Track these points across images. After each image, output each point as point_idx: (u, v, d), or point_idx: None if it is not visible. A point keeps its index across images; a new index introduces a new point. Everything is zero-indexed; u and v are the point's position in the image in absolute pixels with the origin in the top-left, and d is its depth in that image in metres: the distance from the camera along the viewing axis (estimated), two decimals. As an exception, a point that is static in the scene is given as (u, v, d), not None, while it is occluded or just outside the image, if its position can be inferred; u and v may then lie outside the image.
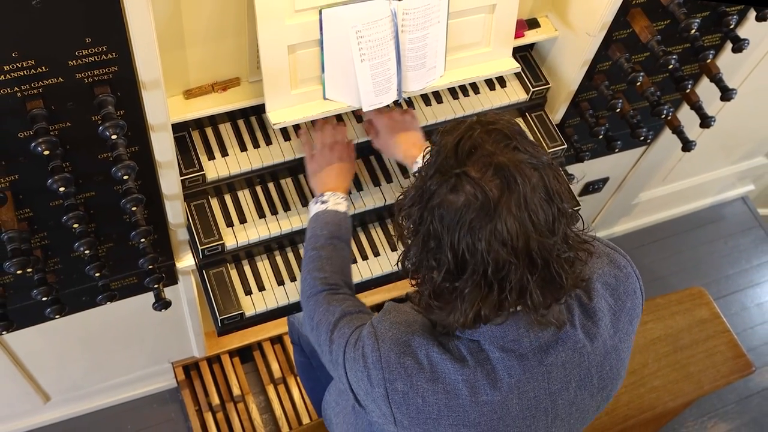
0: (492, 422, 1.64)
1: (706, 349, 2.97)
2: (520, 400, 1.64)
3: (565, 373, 1.66)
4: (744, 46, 2.46)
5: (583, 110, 2.71)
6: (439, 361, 1.61)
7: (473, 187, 1.42)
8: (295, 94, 2.18)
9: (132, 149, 1.96)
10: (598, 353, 1.68)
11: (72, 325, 2.60)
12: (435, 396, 1.61)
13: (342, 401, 2.32)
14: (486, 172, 1.43)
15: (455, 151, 1.47)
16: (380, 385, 1.64)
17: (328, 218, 2.13)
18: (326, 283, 1.98)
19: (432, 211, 1.48)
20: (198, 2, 1.93)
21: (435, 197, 1.47)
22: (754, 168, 4.27)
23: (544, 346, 1.62)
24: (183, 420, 3.47)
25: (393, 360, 1.63)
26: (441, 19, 2.18)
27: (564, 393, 1.68)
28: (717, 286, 4.30)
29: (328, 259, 2.04)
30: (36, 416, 3.32)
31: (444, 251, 1.48)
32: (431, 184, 1.48)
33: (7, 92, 1.67)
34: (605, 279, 1.72)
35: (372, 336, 1.67)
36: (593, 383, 1.71)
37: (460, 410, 1.62)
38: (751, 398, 3.96)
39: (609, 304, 1.71)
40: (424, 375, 1.61)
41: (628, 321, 1.74)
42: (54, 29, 1.60)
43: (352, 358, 1.72)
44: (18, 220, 1.98)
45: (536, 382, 1.64)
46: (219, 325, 2.31)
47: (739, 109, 3.29)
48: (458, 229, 1.44)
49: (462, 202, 1.43)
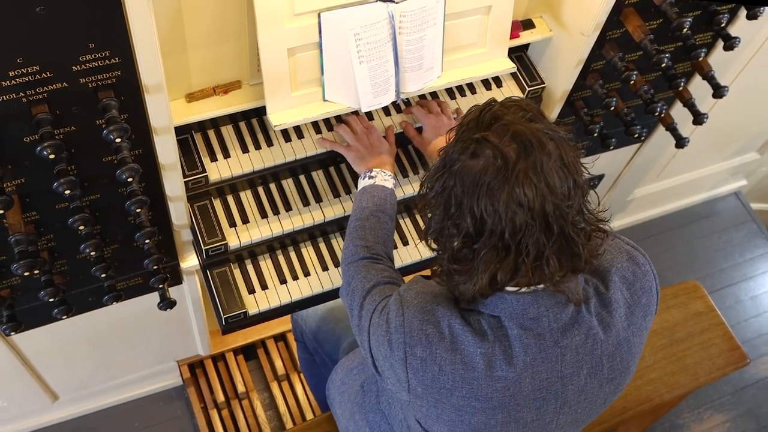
0: (503, 399, 1.65)
1: (702, 342, 2.98)
2: (533, 379, 1.65)
3: (577, 358, 1.67)
4: (735, 44, 2.46)
5: (578, 109, 2.71)
6: (460, 332, 1.63)
7: (492, 150, 1.48)
8: (295, 96, 2.19)
9: (136, 152, 1.96)
10: (611, 343, 1.69)
11: (79, 325, 2.60)
12: (452, 366, 1.63)
13: (349, 381, 2.33)
14: (503, 137, 1.48)
15: (477, 122, 1.55)
16: (400, 348, 1.66)
17: (375, 192, 2.16)
18: (368, 252, 2.01)
19: (453, 177, 1.54)
20: (199, 7, 1.93)
21: (456, 163, 1.53)
22: (747, 163, 4.27)
23: (561, 328, 1.64)
24: (189, 417, 3.47)
25: (416, 326, 1.65)
26: (438, 21, 2.18)
27: (575, 378, 1.69)
28: (711, 279, 4.30)
29: (371, 230, 2.06)
30: (45, 415, 3.32)
31: (464, 215, 1.52)
32: (453, 152, 1.55)
33: (12, 97, 1.67)
34: (623, 273, 1.74)
35: (397, 302, 1.70)
36: (603, 373, 1.72)
37: (474, 383, 1.63)
38: (746, 389, 3.96)
39: (625, 298, 1.72)
40: (444, 344, 1.63)
41: (642, 316, 1.75)
42: (58, 35, 1.60)
43: (376, 323, 1.75)
44: (25, 222, 1.98)
45: (550, 363, 1.65)
46: (223, 323, 2.31)
47: (731, 106, 3.29)
48: (477, 192, 1.49)
49: (481, 166, 1.48)
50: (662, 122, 2.75)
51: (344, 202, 2.40)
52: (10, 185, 1.88)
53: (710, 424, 3.83)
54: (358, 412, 2.26)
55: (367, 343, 1.79)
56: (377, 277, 1.90)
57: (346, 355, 2.46)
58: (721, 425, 3.84)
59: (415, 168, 2.50)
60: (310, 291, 2.40)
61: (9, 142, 1.77)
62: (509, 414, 1.68)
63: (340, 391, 2.37)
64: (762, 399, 3.95)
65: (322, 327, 2.67)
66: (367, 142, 2.31)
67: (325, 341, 2.65)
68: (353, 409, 2.28)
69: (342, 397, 2.36)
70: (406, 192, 2.46)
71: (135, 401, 3.48)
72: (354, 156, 2.30)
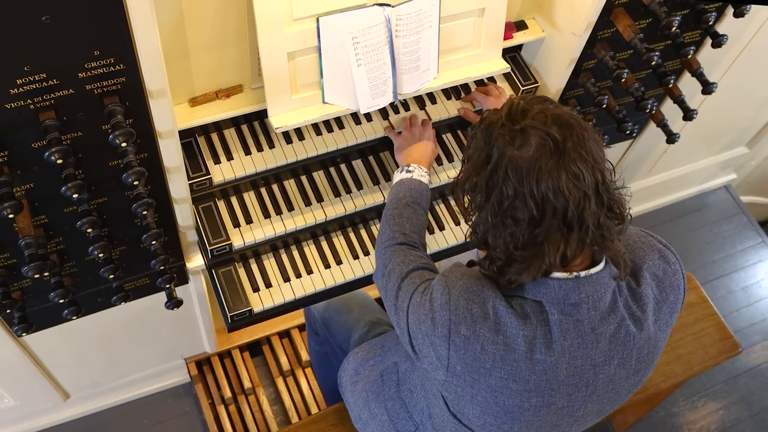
0: (540, 383, 1.67)
1: (695, 332, 2.98)
2: (569, 365, 1.66)
3: (610, 347, 1.68)
4: (723, 42, 2.47)
5: (571, 107, 2.71)
6: (504, 314, 1.64)
7: (540, 135, 1.53)
8: (295, 99, 2.19)
9: (141, 156, 1.96)
10: (641, 336, 1.71)
11: (89, 325, 2.60)
12: (494, 346, 1.64)
13: (364, 371, 2.34)
14: (546, 122, 1.54)
15: (509, 117, 1.59)
16: (445, 326, 1.67)
17: (412, 185, 2.18)
18: (406, 239, 2.02)
19: (502, 171, 1.56)
20: (200, 14, 1.93)
21: (503, 158, 1.56)
22: (736, 157, 4.27)
23: (599, 316, 1.65)
24: (197, 413, 3.47)
25: (462, 305, 1.66)
26: (433, 24, 2.18)
27: (606, 367, 1.70)
28: (703, 271, 4.30)
29: (408, 219, 2.07)
30: (57, 413, 3.32)
31: (524, 203, 1.54)
32: (495, 150, 1.58)
33: (20, 104, 1.67)
34: (654, 270, 1.75)
35: (442, 282, 1.71)
36: (631, 364, 1.73)
37: (514, 364, 1.65)
38: (739, 378, 3.97)
39: (654, 294, 1.74)
40: (488, 324, 1.64)
41: (669, 313, 1.77)
42: (63, 43, 1.60)
43: (418, 302, 1.76)
44: (34, 226, 1.98)
45: (585, 350, 1.66)
46: (229, 321, 2.31)
47: (720, 102, 3.29)
48: (536, 177, 1.52)
49: (533, 152, 1.53)
50: (653, 119, 2.75)
51: (345, 201, 2.40)
52: (19, 190, 1.88)
53: (704, 412, 3.83)
54: (374, 400, 2.27)
55: (405, 323, 1.80)
56: (416, 263, 1.91)
57: (359, 345, 2.47)
58: (714, 412, 3.84)
59: (450, 157, 2.53)
60: (313, 288, 2.40)
61: (18, 147, 1.77)
62: (543, 398, 1.69)
63: (353, 380, 2.38)
64: (754, 387, 3.95)
65: (334, 317, 2.67)
66: (417, 135, 2.34)
67: (337, 332, 2.65)
68: (368, 398, 2.29)
69: (355, 386, 2.37)
70: (441, 179, 2.49)
71: (144, 398, 3.48)
72: (400, 143, 2.34)
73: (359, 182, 2.44)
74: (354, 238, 2.49)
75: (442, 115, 2.45)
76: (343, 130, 2.37)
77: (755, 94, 3.59)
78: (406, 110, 2.43)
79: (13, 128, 1.72)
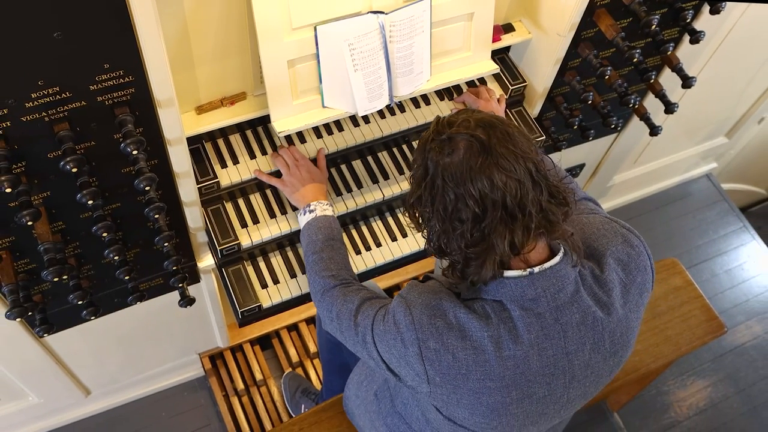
0: (515, 376, 1.66)
1: (682, 314, 2.98)
2: (540, 356, 1.66)
3: (580, 335, 1.67)
4: (700, 38, 2.47)
5: (558, 104, 2.71)
6: (466, 320, 1.64)
7: (465, 138, 1.54)
8: (296, 104, 2.19)
9: (152, 162, 1.96)
10: (610, 320, 1.70)
11: (106, 324, 2.61)
12: (464, 352, 1.64)
13: (362, 393, 2.33)
14: (470, 126, 1.55)
15: (436, 129, 1.61)
16: (414, 344, 1.66)
17: (320, 224, 2.13)
18: (337, 279, 1.99)
19: (440, 180, 1.57)
20: (204, 26, 1.93)
21: (438, 167, 1.57)
22: (716, 147, 4.27)
23: (559, 307, 1.64)
24: (212, 405, 3.48)
25: (425, 321, 1.65)
26: (425, 29, 2.18)
27: (580, 354, 1.70)
28: (688, 256, 4.31)
29: (331, 259, 2.04)
30: (79, 409, 3.33)
31: (465, 203, 1.54)
32: (428, 161, 1.59)
33: (35, 117, 1.68)
34: (618, 255, 1.75)
35: (403, 304, 1.70)
36: (605, 347, 1.72)
37: (486, 365, 1.64)
38: (725, 356, 3.97)
39: (620, 278, 1.73)
40: (454, 333, 1.64)
41: (637, 294, 1.76)
42: (75, 58, 1.60)
43: (382, 331, 1.74)
44: (52, 232, 1.99)
45: (554, 340, 1.66)
46: (239, 317, 2.32)
47: (699, 95, 3.30)
48: (470, 177, 1.52)
49: (462, 154, 1.53)
50: (636, 113, 2.75)
51: (346, 200, 2.40)
52: (37, 198, 1.88)
53: (693, 390, 3.84)
54: (376, 419, 2.27)
55: (376, 353, 1.78)
56: (358, 296, 1.89)
57: (353, 371, 2.47)
58: (703, 390, 3.85)
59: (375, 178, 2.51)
60: (318, 283, 2.40)
61: (34, 158, 1.77)
62: (522, 390, 1.68)
63: (356, 404, 2.39)
64: (740, 364, 3.95)
65: None
66: (300, 175, 2.26)
67: None
68: (372, 417, 2.30)
69: (359, 409, 2.37)
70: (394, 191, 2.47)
71: (161, 392, 3.48)
72: (290, 191, 2.27)
73: (359, 181, 2.44)
74: (356, 234, 2.50)
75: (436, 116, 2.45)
76: (342, 133, 2.37)
77: (733, 87, 3.59)
78: (402, 111, 2.43)
79: (29, 140, 1.72)
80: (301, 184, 2.24)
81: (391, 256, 2.47)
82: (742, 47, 3.17)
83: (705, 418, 3.77)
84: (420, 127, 2.43)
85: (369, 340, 1.79)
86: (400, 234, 2.51)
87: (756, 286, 4.26)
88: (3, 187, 1.65)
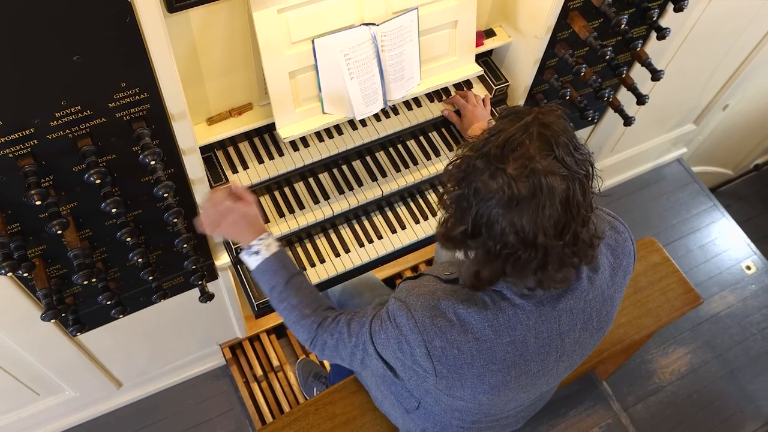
0: (514, 358, 1.67)
1: (661, 288, 2.99)
2: (537, 339, 1.66)
3: (572, 317, 1.68)
4: (666, 34, 2.46)
5: (538, 101, 2.71)
6: (465, 315, 1.62)
7: (505, 182, 1.40)
8: (299, 111, 2.19)
9: (169, 171, 1.97)
10: (598, 300, 1.70)
11: (134, 322, 2.61)
12: (468, 345, 1.63)
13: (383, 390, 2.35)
14: (521, 173, 1.40)
15: (503, 146, 1.44)
16: (421, 345, 1.64)
17: (272, 265, 1.94)
18: (316, 321, 1.87)
19: (470, 184, 1.46)
20: (211, 44, 1.93)
21: (476, 175, 1.45)
22: (685, 134, 4.27)
23: (556, 296, 1.64)
24: (234, 391, 3.48)
25: (428, 323, 1.63)
26: (413, 37, 2.19)
27: (571, 333, 1.70)
28: (664, 234, 4.31)
29: (300, 302, 1.90)
30: (112, 400, 3.33)
31: (469, 214, 1.47)
32: (478, 162, 1.46)
33: (60, 135, 1.68)
34: (607, 241, 1.74)
35: (403, 308, 1.67)
36: (593, 324, 1.73)
37: (489, 352, 1.64)
38: (702, 325, 3.98)
39: (609, 261, 1.72)
40: (456, 329, 1.62)
41: (622, 276, 1.76)
42: (94, 78, 1.61)
43: (383, 339, 1.72)
44: (80, 239, 1.99)
45: (549, 324, 1.66)
46: (255, 309, 2.32)
47: (667, 87, 3.30)
48: (484, 206, 1.44)
49: (494, 188, 1.41)
50: (611, 105, 2.75)
51: (348, 198, 2.40)
52: (65, 209, 1.89)
53: (675, 357, 3.84)
54: (381, 384, 2.30)
55: (382, 363, 1.77)
56: (342, 321, 1.84)
57: None
58: (683, 356, 3.85)
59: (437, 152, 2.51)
60: (326, 275, 2.40)
61: (60, 172, 1.78)
62: (520, 369, 1.69)
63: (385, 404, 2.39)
64: (716, 331, 3.96)
65: (348, 301, 2.65)
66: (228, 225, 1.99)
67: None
68: (377, 382, 2.33)
69: (366, 372, 2.40)
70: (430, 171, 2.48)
71: (187, 382, 3.49)
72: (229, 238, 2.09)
73: (359, 180, 2.44)
74: (358, 228, 2.50)
75: (427, 117, 2.45)
76: (342, 136, 2.37)
77: (698, 77, 3.59)
78: (396, 114, 2.43)
79: (55, 156, 1.72)
80: (231, 228, 2.00)
81: (392, 247, 2.47)
82: (704, 41, 3.17)
83: (686, 382, 3.78)
84: (414, 127, 2.43)
85: (372, 353, 1.76)
86: (400, 227, 2.51)
87: (727, 259, 4.26)
88: (33, 200, 1.66)
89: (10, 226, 1.83)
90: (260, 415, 3.40)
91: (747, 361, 3.88)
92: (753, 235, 4.43)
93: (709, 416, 3.70)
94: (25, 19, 1.42)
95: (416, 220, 2.52)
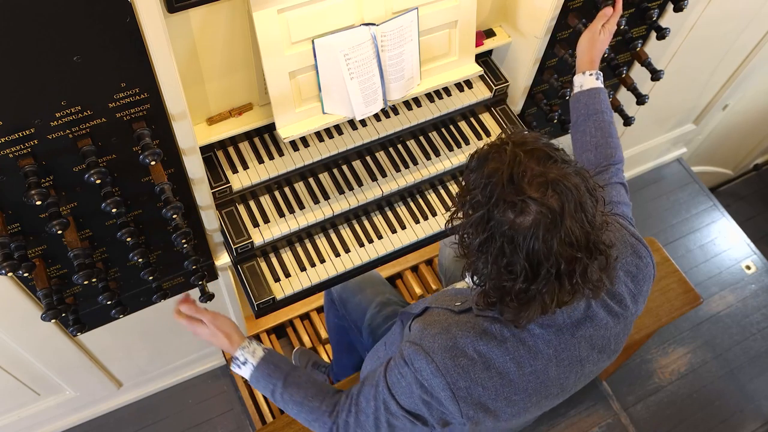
0: (536, 386, 1.66)
1: (661, 288, 2.99)
2: (558, 366, 1.66)
3: (591, 343, 1.68)
4: (666, 34, 2.47)
5: (538, 100, 2.71)
6: (486, 351, 1.60)
7: (539, 207, 1.39)
8: (299, 111, 2.19)
9: (169, 171, 1.97)
10: (618, 327, 1.71)
11: (134, 321, 2.61)
12: (491, 381, 1.62)
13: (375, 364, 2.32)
14: (545, 192, 1.40)
15: (511, 180, 1.42)
16: (446, 389, 1.61)
17: (264, 370, 1.94)
18: (328, 410, 1.86)
19: (502, 235, 1.43)
20: (211, 44, 1.94)
21: (503, 224, 1.42)
22: (685, 134, 4.28)
23: (576, 323, 1.63)
24: (234, 391, 3.48)
25: (449, 364, 1.60)
26: (413, 37, 2.19)
27: (591, 358, 1.70)
28: (664, 234, 4.31)
29: (305, 396, 1.88)
30: (113, 400, 3.34)
31: (519, 262, 1.43)
32: (497, 212, 1.43)
33: (60, 135, 1.68)
34: (627, 268, 1.72)
35: (420, 352, 1.63)
36: (611, 348, 1.73)
37: (512, 384, 1.63)
38: (702, 324, 3.98)
39: (629, 289, 1.71)
40: (478, 367, 1.60)
41: (642, 301, 1.75)
42: (94, 78, 1.60)
43: (404, 388, 1.68)
44: (81, 239, 1.99)
45: (570, 351, 1.65)
46: (256, 309, 2.32)
47: (667, 87, 3.30)
48: (531, 243, 1.40)
49: (531, 221, 1.39)
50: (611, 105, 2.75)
51: (348, 197, 2.40)
52: (65, 209, 1.89)
53: (674, 357, 3.84)
54: None
55: (409, 419, 1.71)
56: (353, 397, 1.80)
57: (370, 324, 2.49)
58: (683, 356, 3.85)
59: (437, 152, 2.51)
60: (326, 275, 2.40)
61: (61, 172, 1.77)
62: (541, 394, 1.69)
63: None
64: (716, 331, 3.96)
65: (350, 298, 2.64)
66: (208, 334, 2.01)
67: (353, 310, 2.63)
68: None
69: None
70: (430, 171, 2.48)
71: (187, 381, 3.49)
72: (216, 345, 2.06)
73: (359, 180, 2.44)
74: (358, 228, 2.50)
75: (427, 116, 2.45)
76: (342, 136, 2.37)
77: (698, 77, 3.59)
78: (395, 114, 2.43)
79: (55, 156, 1.72)
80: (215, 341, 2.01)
81: (392, 247, 2.47)
82: (704, 41, 3.17)
83: (686, 382, 3.78)
84: (413, 127, 2.43)
85: (395, 409, 1.71)
86: (400, 227, 2.51)
87: (727, 259, 4.26)
88: (33, 200, 1.66)
89: (10, 226, 1.83)
90: (260, 415, 3.39)
91: (747, 361, 3.88)
92: (753, 234, 4.44)
93: (709, 416, 3.70)
94: (26, 19, 1.42)
95: (416, 220, 2.52)
